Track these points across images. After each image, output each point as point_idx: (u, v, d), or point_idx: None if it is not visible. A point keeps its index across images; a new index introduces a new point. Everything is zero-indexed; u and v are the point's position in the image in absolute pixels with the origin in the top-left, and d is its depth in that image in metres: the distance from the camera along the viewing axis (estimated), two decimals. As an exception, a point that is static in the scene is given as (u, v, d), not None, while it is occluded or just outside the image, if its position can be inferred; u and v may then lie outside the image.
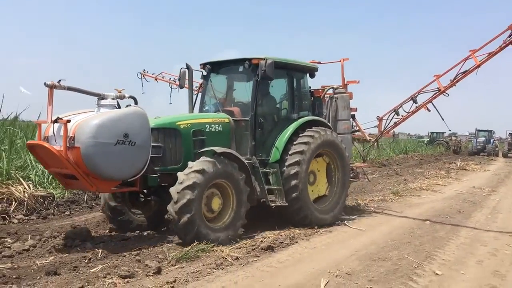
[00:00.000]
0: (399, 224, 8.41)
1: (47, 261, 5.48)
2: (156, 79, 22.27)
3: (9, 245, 6.18)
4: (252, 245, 6.41)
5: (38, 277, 4.90)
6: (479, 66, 10.64)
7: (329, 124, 8.77)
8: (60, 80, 5.92)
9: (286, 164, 7.64)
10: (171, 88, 21.27)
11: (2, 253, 5.79)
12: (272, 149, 7.84)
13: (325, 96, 9.31)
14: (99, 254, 5.84)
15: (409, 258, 6.03)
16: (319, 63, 10.12)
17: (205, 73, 8.40)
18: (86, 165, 5.70)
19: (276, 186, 7.59)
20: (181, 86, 8.63)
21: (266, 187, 7.49)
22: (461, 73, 10.86)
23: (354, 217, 8.84)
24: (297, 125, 8.01)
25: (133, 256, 5.82)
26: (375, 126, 13.06)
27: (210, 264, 5.54)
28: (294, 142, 7.78)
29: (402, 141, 40.21)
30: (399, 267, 5.65)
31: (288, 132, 7.89)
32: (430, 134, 51.47)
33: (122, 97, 6.52)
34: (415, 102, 11.33)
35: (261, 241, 6.61)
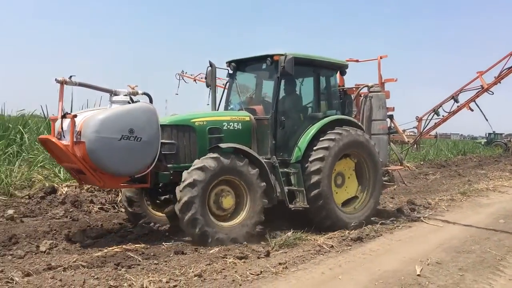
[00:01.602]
0: (473, 221, 8.77)
1: (170, 243, 6.34)
2: (195, 80, 21.68)
3: (130, 229, 7.12)
4: (342, 236, 7.06)
5: (170, 255, 5.75)
6: None
7: (358, 123, 8.32)
8: (71, 76, 5.97)
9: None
10: (210, 89, 21.05)
11: (128, 236, 6.70)
12: (295, 148, 7.55)
13: (360, 95, 8.97)
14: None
15: (491, 252, 6.47)
16: (357, 61, 9.84)
17: (231, 71, 8.31)
18: (92, 160, 5.72)
19: (297, 187, 7.30)
20: (208, 85, 8.42)
21: (288, 187, 7.28)
22: (506, 69, 9.98)
23: (428, 214, 9.31)
24: (321, 124, 7.63)
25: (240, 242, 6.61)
26: (414, 127, 12.31)
27: (310, 250, 6.24)
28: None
29: (460, 142, 39.64)
30: (484, 259, 6.13)
31: (312, 132, 7.55)
32: (487, 135, 50.15)
33: (135, 94, 6.42)
34: (456, 101, 10.41)
35: (349, 232, 7.26)
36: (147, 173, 6.31)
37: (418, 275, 5.29)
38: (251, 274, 5.15)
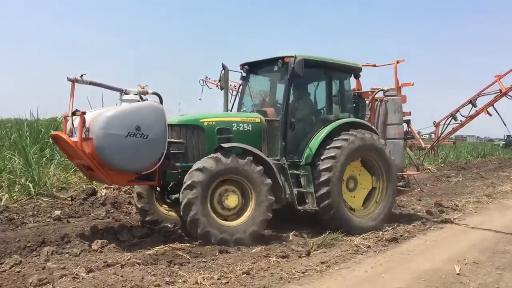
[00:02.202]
0: (503, 223, 8.88)
1: (200, 247, 6.50)
2: (217, 86, 21.96)
3: (172, 230, 7.38)
4: (377, 237, 7.24)
5: (216, 254, 5.98)
6: None
7: (372, 126, 8.27)
8: (82, 75, 6.13)
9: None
10: (231, 94, 20.75)
11: (172, 236, 6.95)
12: (305, 150, 7.55)
13: (375, 99, 8.88)
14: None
15: (525, 252, 6.63)
16: (374, 66, 9.73)
17: (244, 74, 8.40)
18: (99, 156, 5.82)
19: (307, 189, 7.32)
20: (222, 88, 8.48)
21: (297, 189, 7.29)
22: None
23: (457, 216, 9.44)
24: (333, 127, 7.60)
25: (278, 242, 6.83)
26: (431, 133, 11.88)
27: (348, 250, 6.44)
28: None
29: (479, 145, 39.53)
30: (519, 258, 6.29)
31: (323, 134, 7.54)
32: (506, 137, 49.77)
33: (145, 93, 6.53)
34: (474, 105, 10.02)
35: (382, 233, 7.44)
36: (154, 171, 6.42)
37: (458, 274, 5.47)
38: (297, 272, 5.38)
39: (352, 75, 8.52)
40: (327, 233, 7.04)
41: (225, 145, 6.68)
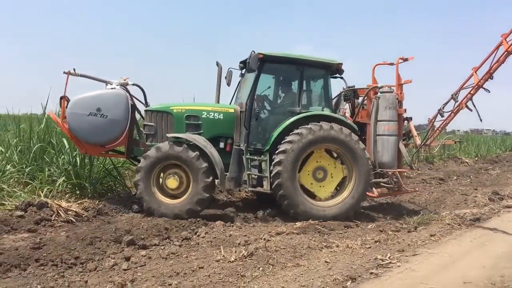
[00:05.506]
0: (559, 207, 10.32)
1: (329, 222, 7.98)
2: None
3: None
4: (460, 218, 8.66)
5: (343, 228, 7.45)
6: (509, 52, 8.78)
7: (347, 121, 8.50)
8: (74, 69, 7.64)
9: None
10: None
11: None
12: (269, 139, 8.20)
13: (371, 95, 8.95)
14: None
15: None
16: (391, 64, 9.58)
17: (242, 72, 9.25)
18: (71, 130, 7.50)
19: (264, 173, 7.98)
20: (228, 84, 9.20)
21: (257, 174, 7.99)
22: (494, 63, 9.18)
23: (515, 202, 10.88)
24: (296, 117, 8.11)
25: (383, 219, 8.32)
26: (427, 130, 11.56)
27: (443, 227, 7.90)
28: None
29: (507, 139, 40.63)
30: None
31: (285, 124, 8.10)
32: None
33: (125, 84, 7.99)
34: (455, 100, 9.71)
35: (463, 215, 8.87)
36: (125, 146, 7.98)
37: (543, 244, 6.95)
38: (418, 241, 6.87)
39: (336, 72, 8.89)
40: (420, 214, 8.52)
41: (169, 135, 7.84)
